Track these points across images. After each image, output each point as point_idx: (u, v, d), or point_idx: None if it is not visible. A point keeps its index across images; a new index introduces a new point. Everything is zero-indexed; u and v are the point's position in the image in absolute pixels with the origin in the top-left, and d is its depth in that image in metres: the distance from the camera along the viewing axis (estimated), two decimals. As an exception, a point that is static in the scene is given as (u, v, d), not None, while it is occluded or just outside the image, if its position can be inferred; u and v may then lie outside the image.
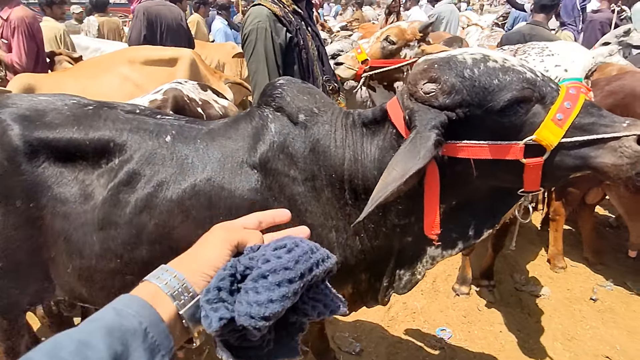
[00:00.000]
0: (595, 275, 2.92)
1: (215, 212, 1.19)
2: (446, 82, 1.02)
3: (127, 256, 1.22)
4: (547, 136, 0.98)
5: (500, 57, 1.04)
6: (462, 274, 2.71)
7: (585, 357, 2.24)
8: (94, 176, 1.23)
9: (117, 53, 2.88)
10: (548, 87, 1.02)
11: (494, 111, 1.00)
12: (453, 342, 2.34)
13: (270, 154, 1.21)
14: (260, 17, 1.84)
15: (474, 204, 1.18)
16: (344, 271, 1.27)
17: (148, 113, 1.35)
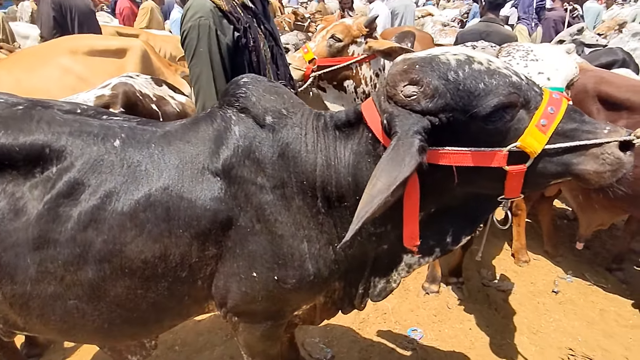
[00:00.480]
0: (555, 268, 3.01)
1: (174, 224, 1.10)
2: (429, 84, 0.95)
3: (69, 278, 1.10)
4: (531, 143, 0.95)
5: (485, 58, 0.99)
6: (432, 273, 2.70)
7: (549, 349, 2.29)
8: (26, 188, 1.09)
9: (56, 42, 2.56)
10: (532, 91, 0.99)
11: (479, 117, 0.95)
12: (424, 342, 2.32)
13: (235, 160, 1.12)
14: (203, 12, 1.58)
15: (452, 211, 1.14)
16: (318, 283, 1.22)
17: (92, 113, 1.21)
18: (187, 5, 1.63)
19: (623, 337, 2.38)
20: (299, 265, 1.16)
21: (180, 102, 2.06)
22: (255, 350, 1.44)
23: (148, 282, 1.14)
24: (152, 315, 1.22)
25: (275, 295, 1.21)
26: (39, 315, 1.16)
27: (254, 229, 1.13)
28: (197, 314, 1.38)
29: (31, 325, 1.22)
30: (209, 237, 1.13)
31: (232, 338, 2.27)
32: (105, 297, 1.14)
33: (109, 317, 1.18)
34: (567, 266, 3.02)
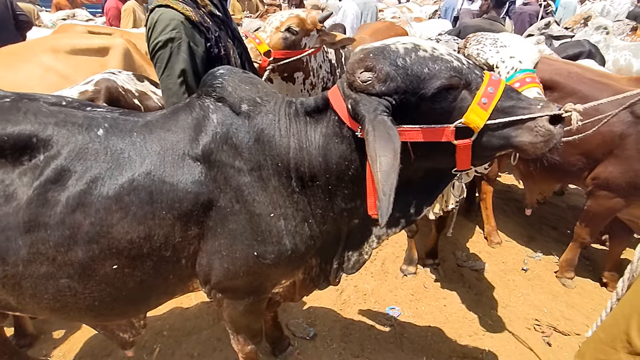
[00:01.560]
0: (525, 248, 3.20)
1: (157, 206, 1.17)
2: (381, 70, 1.05)
3: (60, 258, 1.16)
4: (474, 119, 1.06)
5: (429, 46, 1.09)
6: (409, 255, 2.84)
7: (517, 321, 2.47)
8: (15, 175, 1.14)
9: (38, 40, 2.60)
10: (473, 74, 1.09)
11: (426, 98, 1.06)
12: (402, 319, 2.46)
13: (214, 145, 1.19)
14: (175, 24, 1.53)
15: (413, 185, 1.24)
16: (295, 258, 1.30)
17: (76, 105, 1.27)
18: (153, 18, 1.55)
19: (584, 308, 2.57)
20: (277, 241, 1.25)
21: (162, 96, 2.14)
22: (239, 324, 1.52)
23: (134, 261, 1.20)
24: (139, 293, 1.29)
25: (256, 271, 1.29)
26: (31, 294, 1.22)
27: (234, 209, 1.21)
28: (182, 292, 1.44)
29: (24, 305, 1.27)
30: (191, 218, 1.20)
31: (219, 322, 2.36)
32: (94, 276, 1.20)
33: (99, 295, 1.24)
34: (536, 246, 3.21)
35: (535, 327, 2.42)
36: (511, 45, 1.68)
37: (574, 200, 3.95)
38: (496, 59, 1.63)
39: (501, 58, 1.62)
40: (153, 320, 2.32)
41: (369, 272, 2.84)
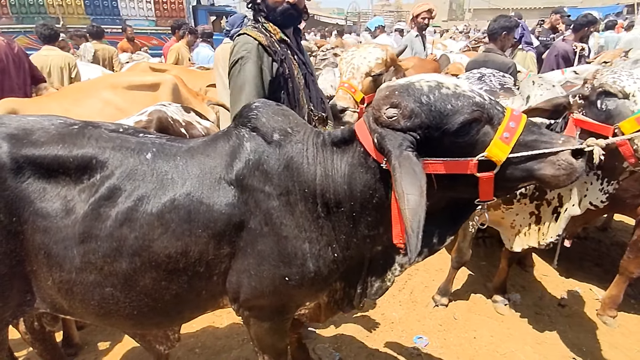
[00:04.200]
0: (564, 284, 3.06)
1: (194, 224, 1.26)
2: (406, 107, 1.11)
3: (107, 269, 1.26)
4: (496, 153, 1.09)
5: (452, 83, 1.14)
6: (445, 286, 2.77)
7: (553, 358, 2.34)
8: (76, 192, 1.27)
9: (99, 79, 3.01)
10: (495, 109, 1.13)
11: (449, 133, 1.10)
12: (429, 349, 2.42)
13: (246, 171, 1.28)
14: (247, 46, 1.84)
15: (436, 214, 1.24)
16: (318, 280, 1.34)
17: (131, 132, 1.42)
18: (234, 43, 1.92)
19: (628, 348, 2.41)
20: (301, 263, 1.29)
21: (206, 126, 2.36)
22: (264, 343, 1.56)
23: (171, 275, 1.28)
24: (173, 306, 1.37)
25: (281, 291, 1.34)
26: (81, 300, 1.32)
27: (262, 231, 1.27)
28: (213, 308, 1.51)
29: (74, 309, 1.37)
30: (224, 237, 1.28)
31: (248, 342, 2.43)
32: (135, 287, 1.29)
33: (137, 305, 1.33)
34: (576, 282, 3.06)
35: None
36: None
37: (618, 237, 3.75)
38: (633, 87, 1.61)
39: (639, 87, 1.61)
40: (186, 337, 2.43)
41: (397, 300, 2.83)
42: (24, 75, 3.59)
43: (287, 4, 1.90)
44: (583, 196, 1.87)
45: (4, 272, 1.28)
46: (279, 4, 1.90)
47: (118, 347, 2.40)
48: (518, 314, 2.72)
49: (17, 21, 7.93)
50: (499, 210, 2.22)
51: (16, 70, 3.45)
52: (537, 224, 2.12)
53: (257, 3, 1.94)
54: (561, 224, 1.94)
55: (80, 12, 9.10)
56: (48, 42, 4.47)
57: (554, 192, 1.98)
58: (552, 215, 2.02)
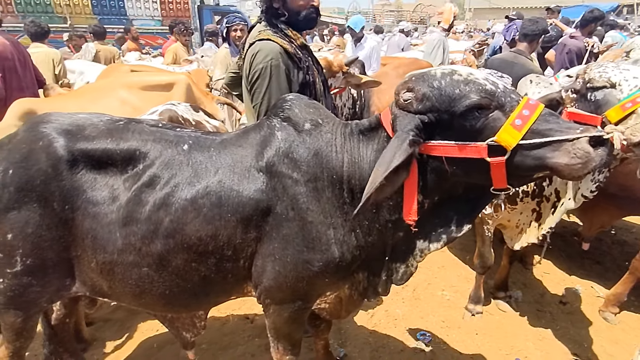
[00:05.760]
0: (564, 281, 3.11)
1: (224, 209, 1.34)
2: (419, 91, 1.20)
3: (144, 249, 1.36)
4: (506, 138, 1.11)
5: (466, 71, 1.20)
6: (476, 294, 2.75)
7: (555, 354, 2.39)
8: (121, 181, 1.38)
9: (115, 79, 3.07)
10: (508, 97, 1.16)
11: (457, 115, 1.16)
12: (432, 345, 2.46)
13: (276, 159, 1.36)
14: (273, 54, 1.78)
15: (454, 201, 1.31)
16: (341, 266, 1.39)
17: (169, 127, 1.54)
18: (255, 48, 1.82)
19: (628, 344, 2.45)
20: (326, 249, 1.35)
21: (215, 126, 2.41)
22: (281, 332, 1.59)
23: (201, 257, 1.37)
24: (202, 287, 1.45)
25: (303, 276, 1.39)
26: (120, 279, 1.42)
27: (288, 216, 1.34)
28: (238, 294, 1.57)
29: (113, 289, 1.47)
30: (251, 222, 1.36)
31: (254, 339, 2.48)
32: (168, 267, 1.38)
33: (170, 285, 1.42)
34: (577, 280, 3.11)
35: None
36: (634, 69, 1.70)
37: (619, 236, 3.80)
38: (619, 77, 1.65)
39: (624, 77, 1.65)
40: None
41: (400, 297, 2.88)
42: (31, 75, 3.63)
43: (312, 8, 1.88)
44: (577, 189, 1.91)
45: (50, 257, 1.39)
46: (304, 8, 1.87)
47: (129, 343, 2.45)
48: (519, 311, 2.77)
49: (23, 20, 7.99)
50: (505, 212, 2.27)
51: (23, 70, 3.49)
52: (537, 221, 2.17)
53: (275, 7, 1.88)
54: (556, 217, 1.97)
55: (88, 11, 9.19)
56: (36, 39, 4.51)
57: (552, 187, 2.03)
58: (550, 210, 2.07)
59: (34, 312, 1.56)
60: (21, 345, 1.60)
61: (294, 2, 1.87)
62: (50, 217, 1.35)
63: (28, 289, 1.43)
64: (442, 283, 3.08)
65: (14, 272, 1.39)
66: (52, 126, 1.41)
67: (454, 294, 2.96)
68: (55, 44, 5.53)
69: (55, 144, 1.36)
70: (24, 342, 1.60)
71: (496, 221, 2.39)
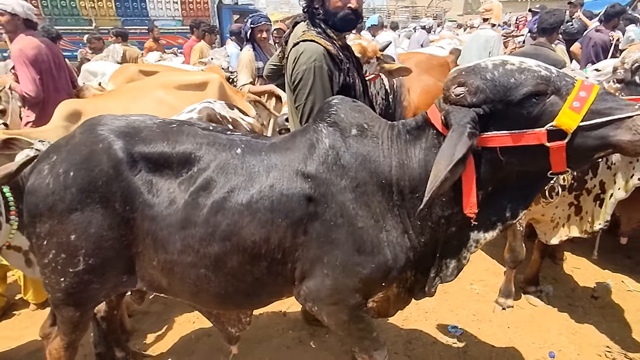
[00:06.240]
0: (595, 276, 3.10)
1: (276, 214, 1.36)
2: (472, 84, 1.21)
3: (202, 251, 1.39)
4: (565, 121, 1.12)
5: (517, 60, 1.21)
6: (507, 288, 2.76)
7: (588, 348, 2.40)
8: (177, 184, 1.40)
9: (152, 79, 3.18)
10: (563, 81, 1.17)
11: (513, 104, 1.17)
12: (464, 338, 2.49)
13: (324, 165, 1.37)
14: (317, 55, 1.81)
15: (508, 189, 1.31)
16: (394, 269, 1.40)
17: (220, 130, 1.56)
18: (298, 50, 1.85)
19: (663, 338, 2.44)
20: (378, 251, 1.36)
21: (249, 122, 2.47)
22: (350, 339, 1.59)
23: (254, 259, 1.39)
24: (254, 288, 1.47)
25: (354, 279, 1.39)
26: (179, 278, 1.45)
27: (337, 222, 1.34)
28: (287, 294, 1.57)
29: (172, 287, 1.50)
30: (300, 227, 1.37)
31: (287, 331, 2.55)
32: (224, 269, 1.41)
33: (225, 285, 1.44)
34: (607, 275, 3.10)
35: (606, 353, 2.34)
36: None
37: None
38: None
39: None
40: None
41: (430, 291, 2.91)
42: (65, 77, 3.74)
43: (348, 10, 1.87)
44: (630, 177, 1.88)
45: (111, 256, 1.42)
46: (340, 9, 1.87)
47: (169, 334, 2.54)
48: (551, 306, 2.77)
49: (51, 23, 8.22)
50: (539, 206, 2.27)
51: (58, 72, 3.59)
52: (577, 214, 2.16)
53: (315, 7, 1.90)
54: (607, 210, 1.95)
55: (112, 13, 9.43)
56: None
57: (595, 179, 2.02)
58: (593, 203, 2.06)
59: (91, 307, 1.62)
60: (76, 337, 1.66)
61: (332, 3, 1.88)
62: (112, 217, 1.38)
63: (88, 286, 1.47)
64: (471, 277, 3.09)
65: (76, 271, 1.42)
66: (109, 128, 1.43)
67: (483, 287, 2.98)
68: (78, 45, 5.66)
69: (115, 146, 1.39)
70: (79, 334, 1.66)
71: (529, 215, 2.40)
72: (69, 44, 7.52)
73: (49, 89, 3.43)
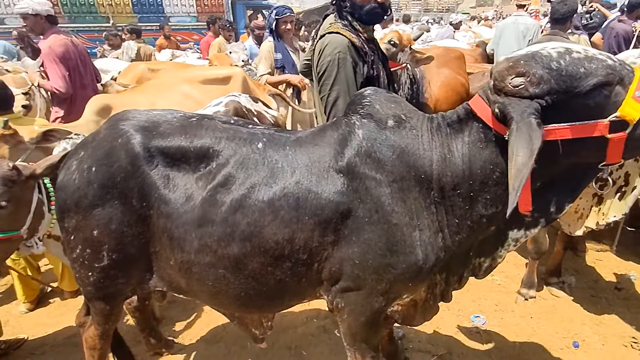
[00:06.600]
0: (618, 268, 3.08)
1: (302, 212, 1.28)
2: (535, 74, 1.11)
3: (220, 251, 1.33)
4: (629, 112, 1.07)
5: (581, 48, 1.14)
6: (529, 279, 2.75)
7: (612, 338, 2.40)
8: (194, 179, 1.35)
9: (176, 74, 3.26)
10: (625, 70, 1.11)
11: (581, 95, 1.09)
12: (487, 327, 2.51)
13: (358, 159, 1.29)
14: (341, 47, 1.83)
15: (556, 182, 1.23)
16: (424, 269, 1.32)
17: (241, 123, 1.49)
18: (325, 41, 1.89)
19: (689, 329, 2.42)
20: (410, 251, 1.28)
21: (273, 115, 2.52)
22: (358, 337, 1.50)
23: (277, 261, 1.32)
24: (276, 291, 1.40)
25: (383, 279, 1.32)
26: (197, 279, 1.39)
27: (372, 219, 1.26)
28: (311, 297, 1.51)
29: (190, 287, 1.44)
30: (329, 225, 1.29)
31: (312, 320, 2.59)
32: (244, 270, 1.34)
33: (245, 287, 1.38)
34: (630, 266, 3.07)
35: (632, 344, 2.34)
36: None
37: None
38: None
39: None
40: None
41: (452, 282, 2.93)
42: (91, 73, 3.84)
43: (375, 3, 1.89)
44: None
45: (132, 252, 1.41)
46: (367, 3, 1.89)
47: (197, 322, 2.61)
48: (574, 297, 2.77)
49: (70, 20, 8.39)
50: None
51: (84, 68, 3.69)
52: (597, 205, 2.16)
53: (342, 0, 1.92)
54: (628, 203, 1.95)
55: (129, 10, 9.56)
56: None
57: (621, 170, 2.01)
58: (615, 194, 2.04)
59: (120, 300, 1.63)
60: (109, 327, 1.69)
61: None
62: (130, 213, 1.35)
63: (114, 281, 1.47)
64: (492, 269, 3.09)
65: (101, 266, 1.42)
66: (130, 123, 1.40)
67: (504, 279, 2.98)
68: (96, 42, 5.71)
69: (132, 141, 1.35)
70: (112, 324, 1.70)
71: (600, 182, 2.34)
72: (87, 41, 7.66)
73: (76, 85, 3.53)
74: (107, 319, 1.64)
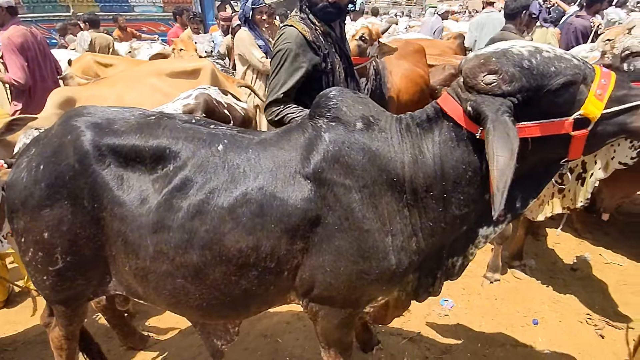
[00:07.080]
0: (574, 250, 3.28)
1: (267, 219, 1.23)
2: (507, 72, 1.11)
3: (178, 260, 1.26)
4: (592, 110, 1.10)
5: (549, 47, 1.16)
6: (494, 262, 2.88)
7: (569, 315, 2.57)
8: (150, 181, 1.29)
9: (145, 66, 3.17)
10: (588, 68, 1.14)
11: (550, 92, 1.11)
12: (456, 310, 2.63)
13: (325, 164, 1.24)
14: (290, 38, 1.89)
15: (521, 179, 1.20)
16: (397, 274, 1.30)
17: (202, 123, 1.42)
18: (279, 33, 2.00)
19: (638, 305, 2.62)
20: (383, 257, 1.25)
21: (243, 107, 2.52)
22: (331, 338, 1.51)
23: (241, 270, 1.26)
24: (241, 300, 1.35)
25: (357, 286, 1.30)
26: (154, 287, 1.33)
27: (342, 226, 1.23)
28: (280, 303, 1.48)
29: (147, 295, 1.39)
30: (298, 233, 1.24)
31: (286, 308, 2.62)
32: (205, 280, 1.28)
33: (207, 298, 1.32)
34: (585, 248, 3.28)
35: (587, 320, 2.51)
36: None
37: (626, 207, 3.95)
38: None
39: None
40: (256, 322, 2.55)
41: (422, 268, 3.03)
42: (50, 64, 3.70)
43: (326, 2, 1.93)
44: (610, 158, 1.99)
45: (87, 254, 1.36)
46: (319, 1, 1.94)
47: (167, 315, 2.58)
48: (534, 278, 2.93)
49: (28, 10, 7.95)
50: None
51: (43, 59, 3.56)
52: (560, 192, 2.29)
53: None
54: (588, 189, 2.05)
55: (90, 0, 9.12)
56: None
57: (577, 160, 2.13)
58: (576, 181, 2.17)
59: (82, 302, 1.56)
60: (74, 328, 1.65)
61: None
62: (82, 214, 1.29)
63: (73, 284, 1.41)
64: (459, 254, 3.22)
65: (56, 269, 1.36)
66: (83, 119, 1.33)
67: (471, 264, 3.08)
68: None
69: (82, 138, 1.28)
70: (77, 325, 1.66)
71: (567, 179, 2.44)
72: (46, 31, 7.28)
73: (35, 76, 3.40)
74: (70, 320, 1.60)
